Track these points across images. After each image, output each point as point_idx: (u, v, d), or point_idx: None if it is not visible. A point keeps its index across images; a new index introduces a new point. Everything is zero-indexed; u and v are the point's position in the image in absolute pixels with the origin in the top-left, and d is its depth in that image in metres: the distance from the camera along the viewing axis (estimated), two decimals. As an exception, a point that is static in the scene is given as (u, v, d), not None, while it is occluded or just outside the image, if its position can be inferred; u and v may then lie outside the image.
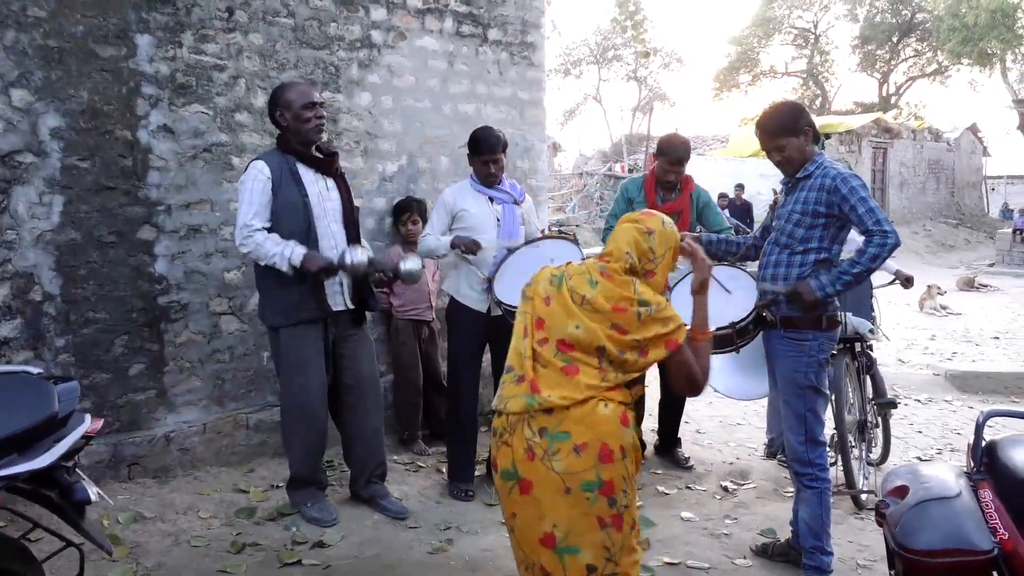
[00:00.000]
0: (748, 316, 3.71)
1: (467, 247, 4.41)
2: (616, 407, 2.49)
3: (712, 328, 3.50)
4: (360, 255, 3.91)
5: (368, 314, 4.31)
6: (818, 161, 3.65)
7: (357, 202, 4.43)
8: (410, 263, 4.03)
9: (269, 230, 3.89)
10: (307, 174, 4.02)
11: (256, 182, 3.89)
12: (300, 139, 3.99)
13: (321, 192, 4.05)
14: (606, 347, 2.49)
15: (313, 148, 4.06)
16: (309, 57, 4.98)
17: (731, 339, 3.78)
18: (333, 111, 5.08)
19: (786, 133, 3.63)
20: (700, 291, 2.85)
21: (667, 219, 2.76)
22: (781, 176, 3.82)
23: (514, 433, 2.48)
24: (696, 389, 2.72)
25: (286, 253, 3.83)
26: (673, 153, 5.09)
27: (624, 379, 2.53)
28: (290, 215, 3.93)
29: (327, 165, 4.10)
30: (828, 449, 3.80)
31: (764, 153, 3.77)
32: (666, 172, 5.10)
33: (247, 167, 4.00)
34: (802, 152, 3.64)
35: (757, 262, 3.93)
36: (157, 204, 4.47)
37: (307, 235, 3.95)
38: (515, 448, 2.47)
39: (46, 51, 4.08)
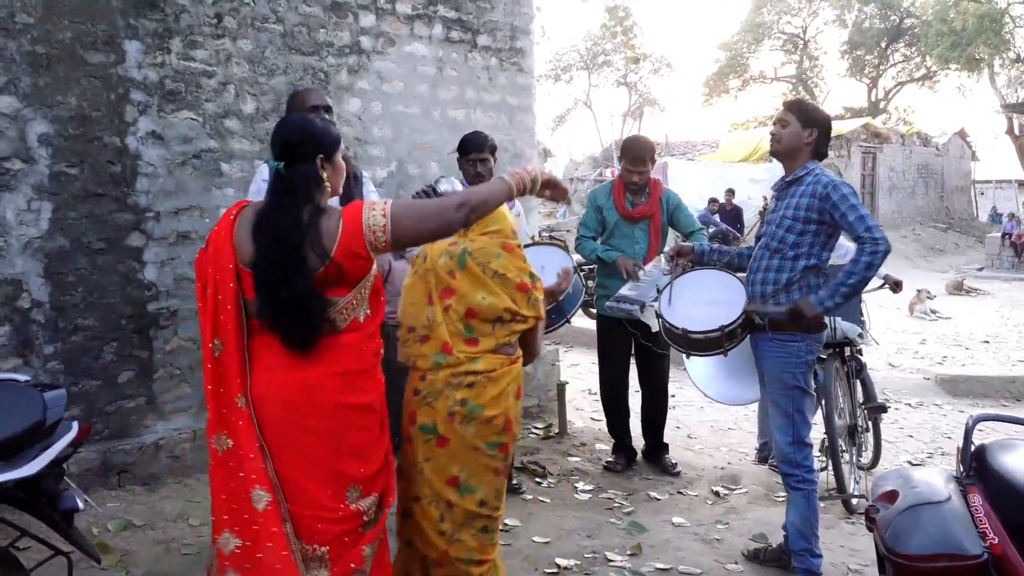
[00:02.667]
0: (736, 320, 3.72)
1: None
2: (514, 385, 3.06)
3: (701, 330, 3.56)
4: (452, 185, 3.93)
5: None
6: (810, 167, 3.67)
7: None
8: (444, 184, 4.02)
9: None
10: None
11: (256, 186, 3.93)
12: None
13: None
14: (504, 318, 3.01)
15: None
16: (298, 63, 4.98)
17: (719, 342, 3.80)
18: (323, 117, 5.07)
19: (799, 115, 3.67)
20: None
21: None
22: (773, 180, 3.84)
23: (439, 398, 2.99)
24: (535, 356, 3.30)
25: None
26: (634, 152, 5.09)
27: (508, 340, 3.05)
28: None
29: None
30: (818, 453, 3.81)
31: (753, 158, 3.79)
32: (629, 173, 5.09)
33: (257, 170, 4.04)
34: (796, 142, 3.66)
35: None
36: (146, 211, 4.46)
37: None
38: (439, 411, 2.99)
39: (34, 57, 4.07)
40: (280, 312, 2.52)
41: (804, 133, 3.65)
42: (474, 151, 4.57)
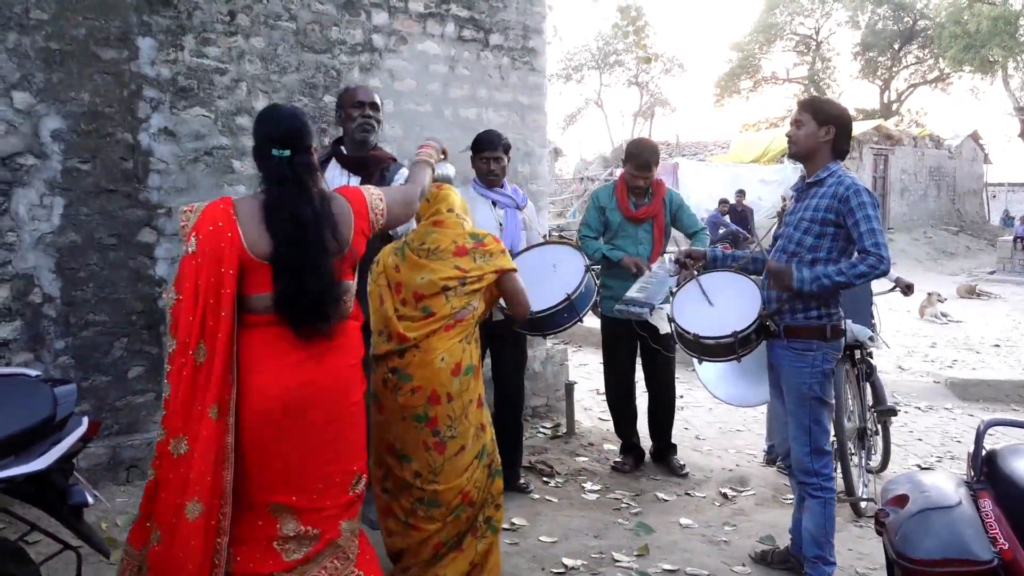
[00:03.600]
0: (751, 325, 3.67)
1: None
2: (450, 360, 3.21)
3: (714, 336, 3.53)
4: (449, 169, 3.90)
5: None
6: (832, 169, 3.58)
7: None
8: (439, 169, 4.01)
9: None
10: (332, 170, 4.07)
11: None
12: (348, 136, 4.10)
13: None
14: (449, 286, 3.22)
15: (362, 148, 4.09)
16: (311, 61, 4.99)
17: (732, 348, 3.75)
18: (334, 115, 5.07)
19: (813, 114, 3.58)
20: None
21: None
22: (785, 183, 3.80)
23: (377, 367, 3.27)
24: (526, 307, 3.46)
25: None
26: (639, 158, 5.05)
27: (468, 300, 3.26)
28: None
29: (358, 166, 4.10)
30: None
31: (764, 159, 3.76)
32: (635, 178, 5.07)
33: None
34: (811, 142, 3.57)
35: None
36: (157, 207, 4.47)
37: None
38: (376, 377, 3.27)
39: (48, 53, 4.08)
40: (306, 302, 2.53)
41: (820, 132, 3.56)
42: (488, 149, 4.58)
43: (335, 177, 4.04)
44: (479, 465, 3.33)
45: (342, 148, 4.13)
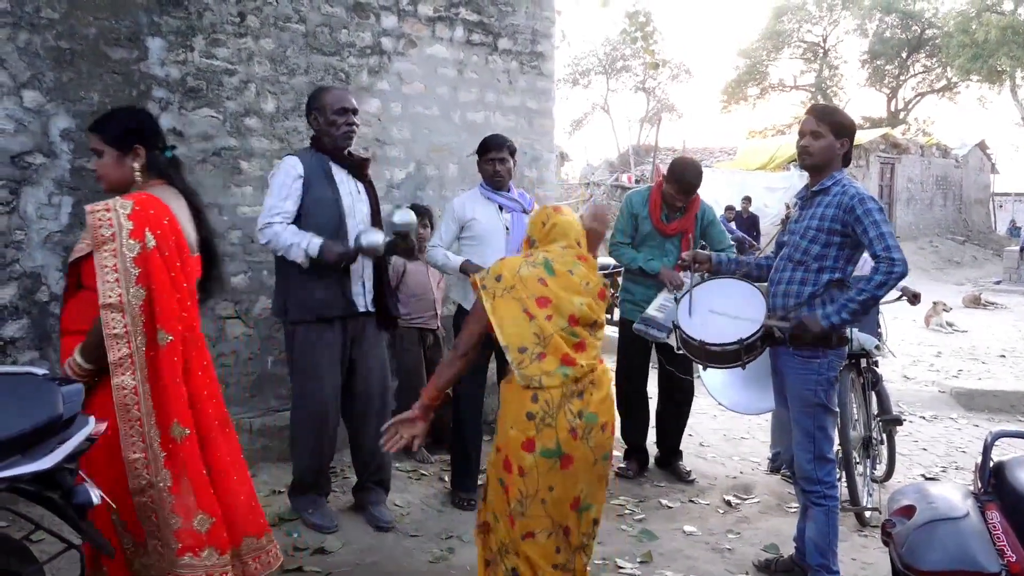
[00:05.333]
0: (756, 333, 3.67)
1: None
2: (612, 388, 3.02)
3: (719, 343, 3.53)
4: (377, 237, 3.93)
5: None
6: (837, 178, 3.57)
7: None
8: (369, 237, 3.96)
9: (298, 226, 3.92)
10: (340, 174, 4.06)
11: (287, 176, 3.94)
12: (330, 142, 4.04)
13: (352, 193, 4.08)
14: (600, 322, 3.01)
15: (345, 152, 4.10)
16: (319, 63, 4.99)
17: (738, 355, 3.74)
18: (342, 117, 5.08)
19: (832, 127, 3.55)
20: None
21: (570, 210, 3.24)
22: (791, 190, 3.79)
23: (556, 416, 2.80)
24: None
25: (303, 244, 3.84)
26: (683, 181, 5.00)
27: (600, 344, 3.03)
28: (322, 211, 3.96)
29: (359, 168, 4.13)
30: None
31: (770, 166, 3.74)
32: (674, 199, 5.05)
33: (281, 162, 4.02)
34: (828, 155, 3.56)
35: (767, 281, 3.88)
36: (165, 207, 4.47)
37: (338, 231, 3.98)
38: (559, 429, 2.80)
39: (58, 53, 4.09)
40: (221, 287, 3.13)
41: (837, 144, 3.56)
42: (493, 150, 4.59)
43: (343, 181, 4.05)
44: None
45: (346, 152, 4.12)
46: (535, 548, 2.82)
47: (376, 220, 4.17)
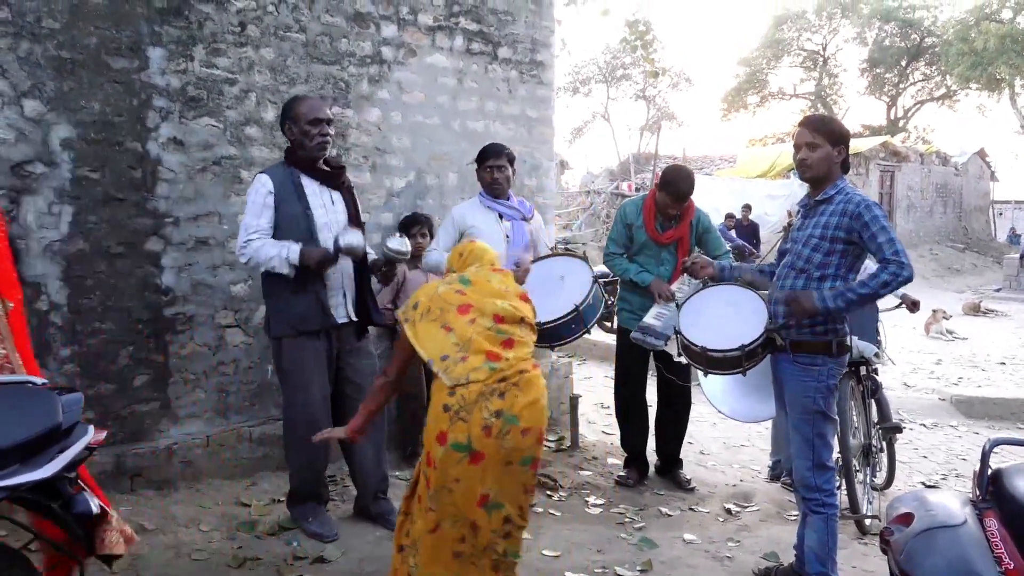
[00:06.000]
0: (757, 339, 3.68)
1: None
2: (544, 394, 3.02)
3: (720, 349, 3.55)
4: (355, 237, 3.90)
5: (372, 328, 4.30)
6: (840, 186, 3.58)
7: (364, 217, 4.44)
8: (348, 237, 3.91)
9: None
10: (311, 186, 4.03)
11: (257, 195, 3.93)
12: (305, 153, 4.01)
13: (325, 204, 4.05)
14: (527, 320, 3.11)
15: (320, 161, 4.07)
16: (320, 72, 5.01)
17: (739, 361, 3.75)
18: (342, 126, 5.10)
19: (828, 136, 3.56)
20: None
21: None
22: (792, 197, 3.80)
23: (471, 412, 2.88)
24: None
25: (283, 254, 3.84)
26: (676, 189, 4.95)
27: (532, 343, 3.13)
28: (292, 227, 3.94)
29: (332, 178, 4.11)
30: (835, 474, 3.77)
31: (770, 174, 3.75)
32: (668, 207, 5.01)
33: (253, 179, 4.02)
34: (827, 164, 3.57)
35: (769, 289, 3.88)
36: (165, 216, 4.49)
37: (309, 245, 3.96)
38: (472, 424, 2.87)
39: (59, 62, 4.11)
40: None
41: (835, 152, 3.57)
42: (492, 157, 4.61)
43: (314, 193, 4.04)
44: None
45: (322, 164, 4.09)
46: (437, 540, 2.95)
47: (355, 226, 4.12)
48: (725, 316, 3.89)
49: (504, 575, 3.04)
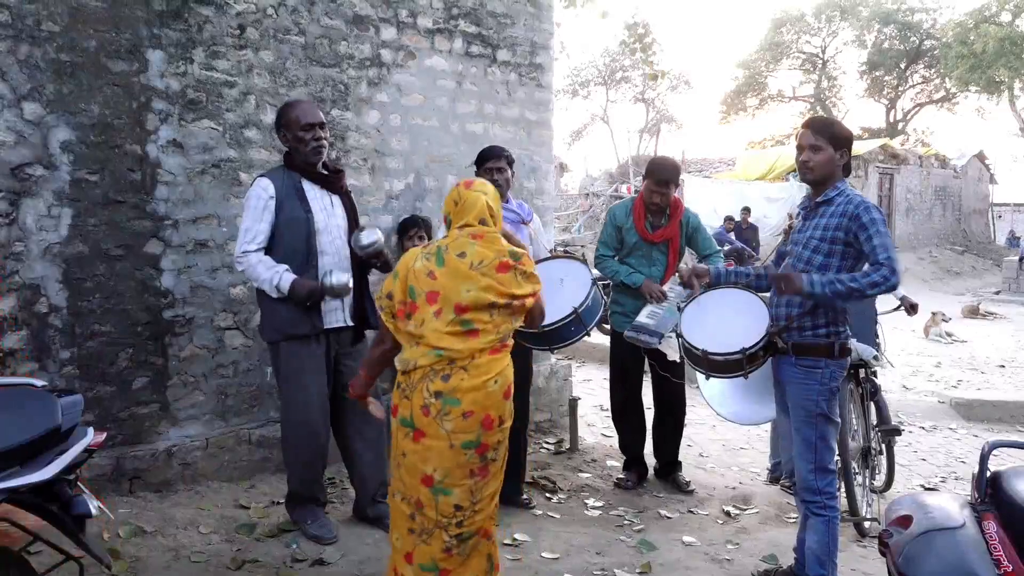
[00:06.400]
0: (759, 342, 3.68)
1: None
2: (503, 382, 3.05)
3: (722, 352, 3.53)
4: (343, 276, 3.91)
5: (368, 332, 4.30)
6: (840, 188, 3.59)
7: (363, 220, 4.44)
8: (335, 277, 3.93)
9: (269, 248, 3.92)
10: (312, 190, 4.03)
11: (259, 200, 3.91)
12: (300, 160, 4.01)
13: (325, 208, 4.05)
14: (497, 303, 3.02)
15: (319, 165, 4.07)
16: (319, 75, 5.01)
17: (740, 364, 3.75)
18: (341, 129, 5.11)
19: (830, 139, 3.57)
20: None
21: (484, 182, 3.31)
22: (791, 200, 3.81)
23: (414, 391, 2.98)
24: (541, 320, 3.38)
25: (274, 280, 3.85)
26: (660, 174, 4.99)
27: (512, 326, 3.11)
28: (292, 231, 3.94)
29: (332, 182, 4.11)
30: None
31: (770, 176, 3.76)
32: (652, 193, 5.01)
33: (252, 183, 4.02)
34: (829, 167, 3.57)
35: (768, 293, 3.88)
36: (165, 218, 4.49)
37: (307, 251, 3.96)
38: (413, 403, 2.98)
39: (58, 65, 4.11)
40: None
41: (837, 155, 3.58)
42: (491, 159, 4.60)
43: (315, 197, 4.04)
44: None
45: (320, 168, 4.08)
46: (395, 510, 3.10)
47: (355, 230, 4.13)
48: (727, 319, 3.88)
49: (477, 561, 3.09)
